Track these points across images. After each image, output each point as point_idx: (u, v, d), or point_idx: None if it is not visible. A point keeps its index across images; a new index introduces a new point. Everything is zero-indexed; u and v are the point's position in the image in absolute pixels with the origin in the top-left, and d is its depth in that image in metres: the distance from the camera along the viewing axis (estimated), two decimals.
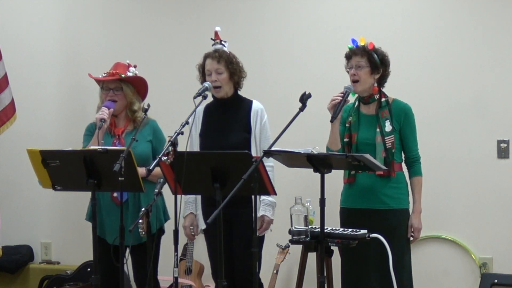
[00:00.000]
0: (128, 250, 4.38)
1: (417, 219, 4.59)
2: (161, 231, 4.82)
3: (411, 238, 4.63)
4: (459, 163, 5.54)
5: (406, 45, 5.58)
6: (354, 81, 4.55)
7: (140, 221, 4.19)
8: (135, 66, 4.87)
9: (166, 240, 4.65)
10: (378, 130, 4.54)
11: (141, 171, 4.35)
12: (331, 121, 4.43)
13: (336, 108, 4.38)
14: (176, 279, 4.15)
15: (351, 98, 4.64)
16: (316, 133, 5.65)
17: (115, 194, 4.65)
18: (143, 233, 4.21)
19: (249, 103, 4.78)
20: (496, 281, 5.03)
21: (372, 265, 4.47)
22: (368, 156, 4.05)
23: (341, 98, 4.40)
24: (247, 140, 4.68)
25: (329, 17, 5.84)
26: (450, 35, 5.56)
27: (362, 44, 4.59)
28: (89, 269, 6.01)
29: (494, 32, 5.47)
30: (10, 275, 6.57)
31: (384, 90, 4.66)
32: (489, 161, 5.49)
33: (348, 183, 4.61)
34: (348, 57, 4.60)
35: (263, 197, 4.66)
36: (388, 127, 4.54)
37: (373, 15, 5.70)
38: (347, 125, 4.64)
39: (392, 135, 4.54)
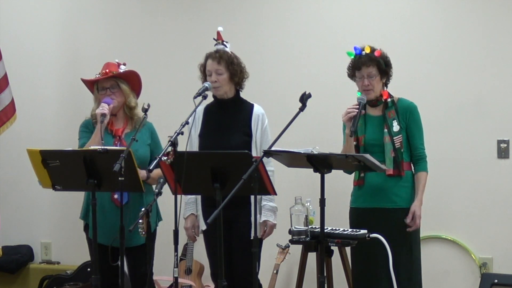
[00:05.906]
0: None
1: (419, 208, 4.56)
2: (155, 233, 4.78)
3: (411, 225, 4.55)
4: (459, 163, 5.54)
5: (406, 45, 5.58)
6: (367, 90, 4.54)
7: (140, 221, 4.18)
8: (124, 64, 4.83)
9: (166, 240, 4.64)
10: (386, 130, 4.55)
11: (142, 174, 4.37)
12: (351, 135, 4.43)
13: (354, 121, 4.40)
14: (176, 279, 4.15)
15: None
16: (316, 133, 5.67)
17: (115, 196, 4.62)
18: (143, 233, 4.21)
19: (250, 106, 4.77)
20: (496, 281, 5.02)
21: (382, 265, 4.45)
22: (368, 156, 4.06)
23: (357, 110, 4.42)
24: (248, 144, 4.67)
25: (329, 17, 5.83)
26: (450, 36, 5.56)
27: (368, 52, 4.57)
28: (89, 269, 6.00)
29: (494, 32, 5.47)
30: (10, 275, 6.57)
31: (387, 90, 4.66)
32: (489, 161, 5.49)
33: (357, 185, 4.61)
34: (357, 68, 4.56)
35: (263, 202, 4.66)
36: (395, 127, 4.56)
37: (373, 16, 5.70)
38: None
39: (400, 135, 4.56)
